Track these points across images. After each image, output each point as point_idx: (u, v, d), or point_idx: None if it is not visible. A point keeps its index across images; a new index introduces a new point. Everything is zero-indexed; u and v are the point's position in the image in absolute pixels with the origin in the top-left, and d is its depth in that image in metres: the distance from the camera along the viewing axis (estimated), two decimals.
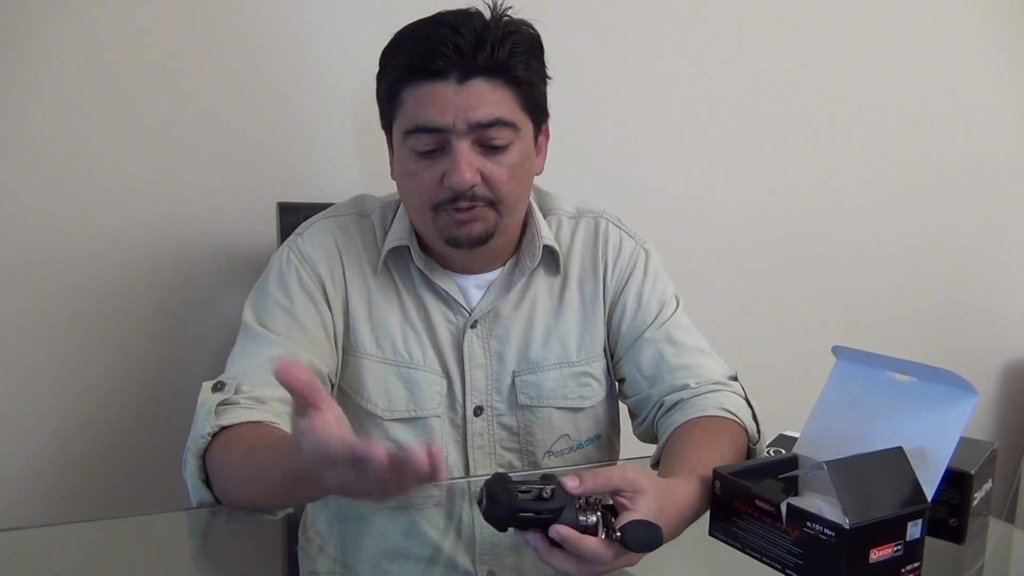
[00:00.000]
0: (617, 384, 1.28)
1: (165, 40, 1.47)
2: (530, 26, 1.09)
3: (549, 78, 1.13)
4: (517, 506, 0.75)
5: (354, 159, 1.63)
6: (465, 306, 1.19)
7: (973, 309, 2.35)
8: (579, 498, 0.77)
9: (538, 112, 1.13)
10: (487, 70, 1.04)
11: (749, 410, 1.14)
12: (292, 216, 1.44)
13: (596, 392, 1.25)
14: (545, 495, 0.76)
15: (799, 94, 2.03)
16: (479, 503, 0.76)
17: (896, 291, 2.23)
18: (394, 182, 1.16)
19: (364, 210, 1.23)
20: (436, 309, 1.19)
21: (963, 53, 2.20)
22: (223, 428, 0.97)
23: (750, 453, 1.12)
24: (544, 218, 1.23)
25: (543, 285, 1.23)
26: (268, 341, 1.09)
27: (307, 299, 1.14)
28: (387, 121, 1.12)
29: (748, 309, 2.07)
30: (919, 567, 0.81)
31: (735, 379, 1.19)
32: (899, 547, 0.79)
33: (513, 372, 1.20)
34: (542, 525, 0.76)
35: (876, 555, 0.77)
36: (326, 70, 1.59)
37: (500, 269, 1.21)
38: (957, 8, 2.17)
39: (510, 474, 0.78)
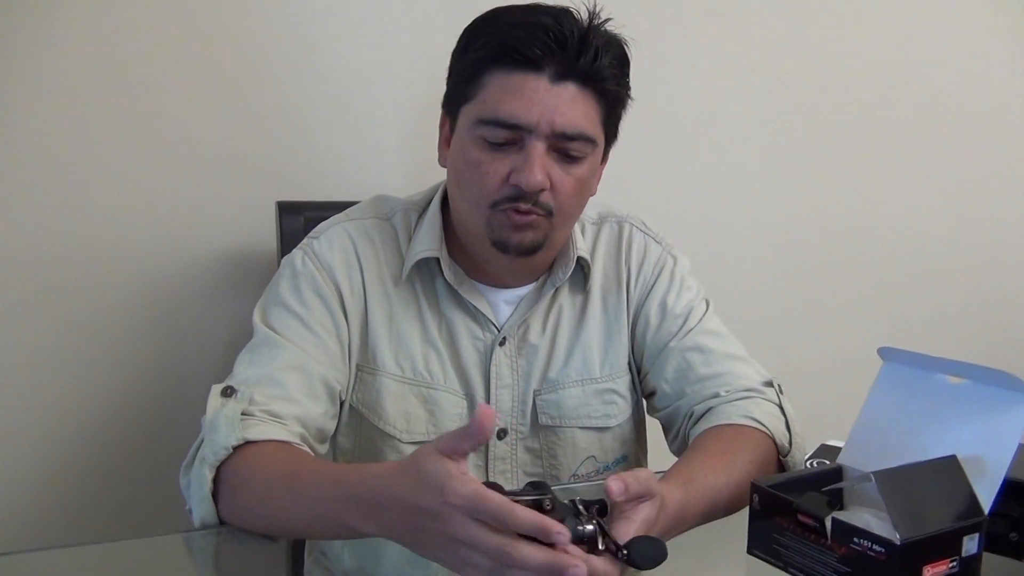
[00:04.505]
0: (646, 400, 1.29)
1: (159, 35, 1.49)
2: (625, 42, 1.11)
3: (631, 99, 1.15)
4: None
5: (357, 156, 1.64)
6: (494, 322, 1.20)
7: None
8: (576, 505, 0.78)
9: (613, 132, 1.15)
10: (583, 76, 1.06)
11: (782, 418, 1.14)
12: (292, 216, 1.46)
13: (622, 410, 1.26)
14: (546, 506, 0.75)
15: (833, 83, 2.04)
16: None
17: (944, 287, 2.23)
18: (432, 172, 1.17)
19: (384, 213, 1.23)
20: (462, 326, 1.19)
21: (1008, 33, 2.20)
22: (248, 442, 0.97)
23: (782, 466, 1.12)
24: None
25: (568, 299, 1.24)
26: (279, 347, 1.09)
27: (322, 307, 1.14)
28: (456, 103, 1.12)
29: (785, 310, 2.07)
30: None
31: (771, 384, 1.19)
32: (954, 563, 0.79)
33: (534, 391, 1.21)
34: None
35: (930, 572, 0.78)
36: (326, 64, 1.60)
37: (532, 284, 1.22)
38: None
39: (500, 485, 0.77)
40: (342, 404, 1.16)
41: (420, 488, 0.74)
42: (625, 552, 0.76)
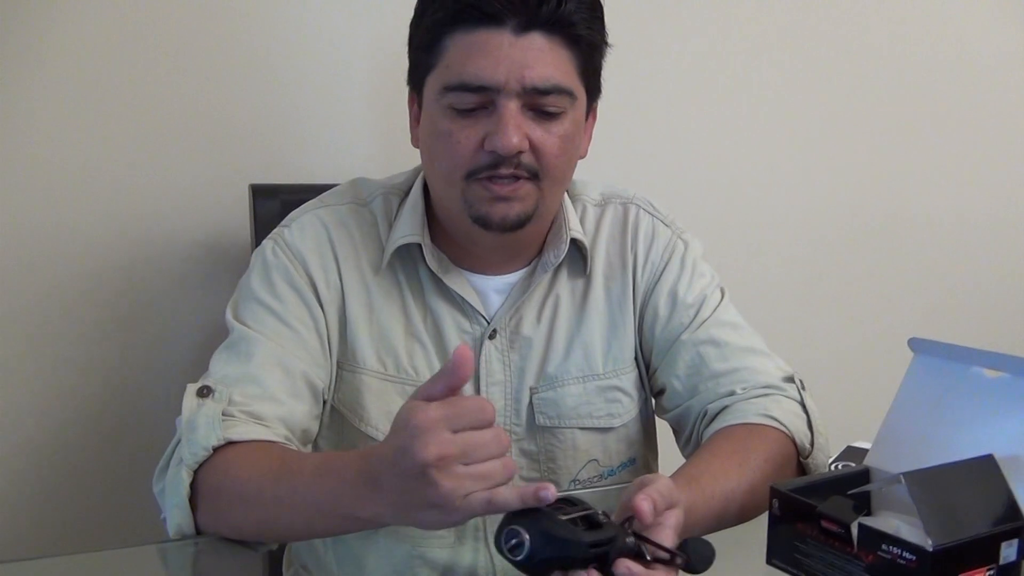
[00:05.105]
0: (655, 399, 1.26)
1: (125, 13, 1.48)
2: None
3: (609, 45, 1.12)
4: (583, 540, 0.73)
5: (335, 136, 1.63)
6: (483, 313, 1.17)
7: None
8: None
9: (594, 82, 1.12)
10: (549, 24, 1.03)
11: (804, 416, 1.12)
12: (267, 200, 1.45)
13: (627, 409, 1.22)
14: (601, 519, 0.75)
15: (856, 59, 2.03)
16: (506, 544, 0.73)
17: (979, 273, 2.22)
18: (415, 151, 1.14)
19: (362, 198, 1.20)
20: (448, 318, 1.16)
21: None
22: (230, 443, 0.96)
23: (803, 468, 1.10)
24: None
25: (566, 286, 1.21)
26: (256, 343, 1.07)
27: (298, 300, 1.12)
28: (420, 75, 1.10)
29: (806, 300, 2.06)
30: None
31: (791, 380, 1.16)
32: (992, 572, 0.78)
33: (530, 389, 1.18)
34: (598, 558, 0.74)
35: None
36: (301, 40, 1.59)
37: (523, 269, 1.19)
38: None
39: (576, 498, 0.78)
40: (324, 404, 1.14)
41: (399, 432, 0.75)
42: (684, 556, 0.77)
